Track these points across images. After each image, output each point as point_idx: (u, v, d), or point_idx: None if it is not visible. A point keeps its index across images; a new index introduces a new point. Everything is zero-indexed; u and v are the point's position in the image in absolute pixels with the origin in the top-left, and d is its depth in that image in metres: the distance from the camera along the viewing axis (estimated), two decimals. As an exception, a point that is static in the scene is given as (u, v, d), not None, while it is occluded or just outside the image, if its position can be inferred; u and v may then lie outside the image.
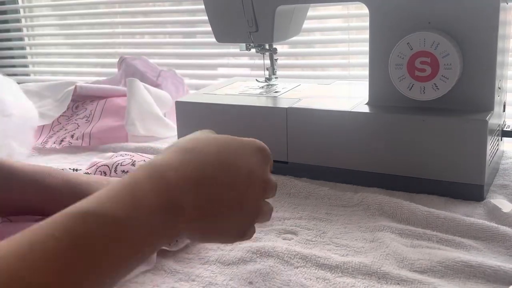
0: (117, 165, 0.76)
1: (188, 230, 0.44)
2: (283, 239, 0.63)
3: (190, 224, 0.43)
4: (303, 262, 0.57)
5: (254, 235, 0.63)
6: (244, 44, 0.90)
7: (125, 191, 0.40)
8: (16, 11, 1.82)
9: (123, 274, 0.38)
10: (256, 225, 0.67)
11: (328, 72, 1.37)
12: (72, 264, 0.34)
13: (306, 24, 1.00)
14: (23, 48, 1.84)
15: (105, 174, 0.75)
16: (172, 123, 1.08)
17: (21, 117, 0.93)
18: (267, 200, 0.52)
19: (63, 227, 0.35)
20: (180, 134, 0.91)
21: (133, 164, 0.75)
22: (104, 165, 0.77)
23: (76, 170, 0.79)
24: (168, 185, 0.42)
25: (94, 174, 0.76)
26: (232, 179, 0.47)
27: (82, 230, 0.36)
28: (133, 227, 0.38)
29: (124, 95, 1.11)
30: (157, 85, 1.19)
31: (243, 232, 0.50)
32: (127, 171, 0.73)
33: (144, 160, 0.75)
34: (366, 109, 0.76)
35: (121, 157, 0.79)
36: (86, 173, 0.77)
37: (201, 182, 0.44)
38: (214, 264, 0.58)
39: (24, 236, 0.34)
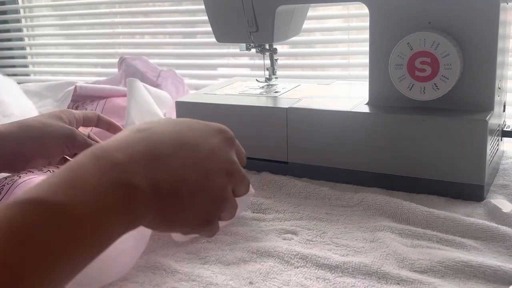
0: None
1: (148, 214, 0.40)
2: (283, 239, 0.63)
3: (149, 204, 0.40)
4: (303, 262, 0.57)
5: (254, 235, 0.64)
6: (244, 44, 0.90)
7: (67, 175, 0.37)
8: (16, 11, 1.82)
9: (78, 263, 0.36)
10: (257, 226, 0.67)
11: (328, 72, 1.37)
12: (13, 256, 0.32)
13: (306, 24, 1.00)
14: (23, 48, 1.84)
15: None
16: (172, 123, 1.08)
17: (22, 117, 0.93)
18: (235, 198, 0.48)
19: (2, 217, 0.33)
20: (180, 134, 0.91)
21: None
22: None
23: None
24: (114, 163, 0.39)
25: None
26: (193, 157, 0.44)
27: (20, 219, 0.33)
28: (79, 212, 0.35)
29: (124, 95, 1.11)
30: (157, 85, 1.19)
31: (207, 220, 0.46)
32: None
33: None
34: (366, 109, 0.76)
35: None
36: None
37: (156, 159, 0.41)
38: (214, 264, 0.58)
39: None
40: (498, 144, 0.77)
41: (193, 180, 0.43)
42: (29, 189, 0.36)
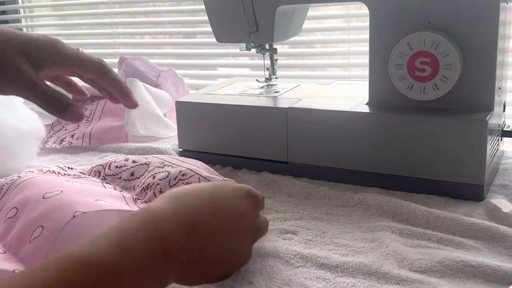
0: (110, 163, 0.76)
1: (179, 276, 0.44)
2: (283, 239, 0.63)
3: (181, 270, 0.44)
4: (303, 262, 0.57)
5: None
6: (244, 44, 0.90)
7: (118, 238, 0.40)
8: (16, 11, 1.82)
9: None
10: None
11: (328, 72, 1.37)
12: None
13: (306, 24, 1.00)
14: (23, 48, 1.83)
15: (99, 173, 0.75)
16: (172, 123, 1.08)
17: (29, 129, 0.93)
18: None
19: (54, 273, 0.35)
20: (180, 134, 0.91)
21: (126, 160, 0.75)
22: (99, 164, 0.77)
23: (71, 168, 0.78)
24: (162, 234, 0.43)
25: (89, 174, 0.76)
26: (226, 225, 0.48)
27: (73, 278, 0.35)
28: (127, 276, 0.38)
29: (124, 95, 1.11)
30: (157, 85, 1.19)
31: (230, 274, 0.52)
32: (121, 166, 0.73)
33: (134, 162, 0.75)
34: (366, 109, 0.76)
35: (115, 157, 0.80)
36: (81, 172, 0.77)
37: (193, 230, 0.45)
38: (214, 264, 0.58)
39: (16, 281, 0.34)
40: (498, 144, 0.77)
41: (222, 247, 0.48)
42: (79, 247, 0.38)
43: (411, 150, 0.72)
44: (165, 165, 0.70)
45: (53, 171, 0.73)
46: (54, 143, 1.03)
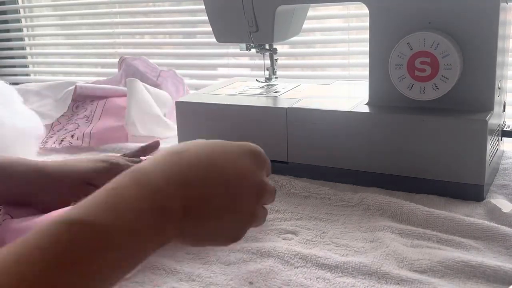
0: None
1: (179, 233, 0.43)
2: (283, 239, 0.63)
3: (180, 227, 0.42)
4: (303, 262, 0.57)
5: (254, 235, 0.64)
6: (244, 44, 0.90)
7: (110, 197, 0.39)
8: (16, 11, 1.82)
9: (114, 281, 0.38)
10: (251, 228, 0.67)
11: (328, 72, 1.37)
12: (60, 275, 0.33)
13: (306, 24, 1.00)
14: (23, 48, 1.84)
15: None
16: (172, 123, 1.08)
17: (27, 128, 0.93)
18: (265, 206, 0.51)
19: (49, 238, 0.35)
20: (180, 134, 0.91)
21: None
22: None
23: None
24: (154, 188, 0.41)
25: None
26: (224, 181, 0.46)
27: (67, 240, 0.35)
28: (120, 234, 0.38)
29: (124, 95, 1.11)
30: (157, 85, 1.19)
31: (236, 237, 0.49)
32: None
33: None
34: (366, 109, 0.76)
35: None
36: None
37: (189, 184, 0.44)
38: (214, 264, 0.58)
39: (10, 249, 0.34)
40: (498, 144, 0.77)
41: (224, 203, 0.46)
42: (74, 208, 0.38)
43: (411, 150, 0.72)
44: None
45: None
46: (54, 143, 1.03)
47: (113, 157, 0.66)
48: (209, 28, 0.92)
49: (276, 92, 0.90)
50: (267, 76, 0.95)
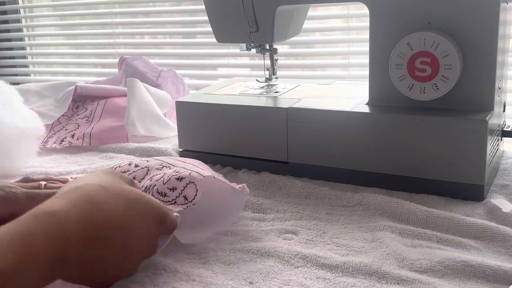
0: (115, 168, 0.73)
1: (65, 281, 0.45)
2: (283, 239, 0.63)
3: (68, 279, 0.45)
4: (303, 262, 0.57)
5: (254, 235, 0.64)
6: (244, 44, 0.90)
7: (17, 244, 0.41)
8: (16, 11, 1.82)
9: None
10: (257, 226, 0.67)
11: (328, 72, 1.37)
12: None
13: (306, 24, 1.00)
14: (23, 48, 1.84)
15: None
16: (172, 123, 1.08)
17: (27, 128, 0.92)
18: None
19: None
20: (180, 134, 0.91)
21: (129, 164, 0.73)
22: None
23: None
24: (63, 244, 0.44)
25: None
26: (124, 245, 0.49)
27: None
28: (17, 280, 0.39)
29: (124, 95, 1.11)
30: (157, 85, 1.20)
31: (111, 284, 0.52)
32: (125, 172, 0.71)
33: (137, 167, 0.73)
34: (366, 109, 0.76)
35: (121, 161, 0.77)
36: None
37: (97, 243, 0.47)
38: (214, 264, 0.58)
39: None
40: (498, 144, 0.77)
41: (115, 262, 0.50)
42: None
43: (411, 150, 0.72)
44: (163, 166, 0.69)
45: None
46: (55, 143, 1.03)
47: (10, 184, 0.62)
48: (209, 28, 0.92)
49: (276, 92, 0.90)
50: (267, 76, 0.95)
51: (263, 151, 0.83)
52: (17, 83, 1.62)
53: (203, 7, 0.91)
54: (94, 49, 1.72)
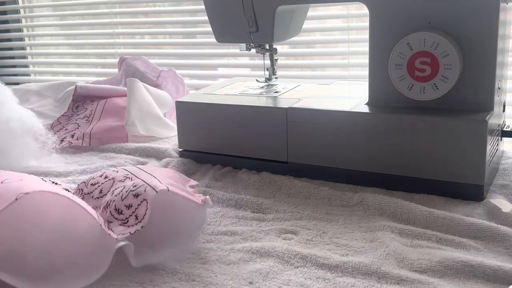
0: (89, 180, 0.72)
1: None
2: (283, 239, 0.63)
3: None
4: (303, 262, 0.57)
5: (254, 235, 0.64)
6: (244, 44, 0.90)
7: None
8: (16, 11, 1.82)
9: None
10: (257, 226, 0.67)
11: (328, 72, 1.37)
12: None
13: (306, 24, 1.00)
14: (23, 48, 1.84)
15: (82, 191, 0.71)
16: (172, 123, 1.08)
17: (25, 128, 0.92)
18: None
19: None
20: (180, 134, 0.91)
21: (101, 176, 0.71)
22: (82, 182, 0.73)
23: (56, 184, 0.73)
24: None
25: (74, 193, 0.72)
26: None
27: None
28: None
29: (124, 95, 1.11)
30: (157, 85, 1.20)
31: None
32: (95, 184, 0.69)
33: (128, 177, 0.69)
34: (366, 109, 0.76)
35: (96, 173, 0.74)
36: (65, 189, 0.71)
37: None
38: (214, 264, 0.58)
39: None
40: (498, 144, 0.77)
41: None
42: None
43: (411, 150, 0.72)
44: (126, 178, 0.65)
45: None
46: (54, 143, 1.03)
47: None
48: (209, 28, 0.92)
49: (276, 92, 0.90)
50: (267, 76, 0.95)
51: (263, 151, 0.83)
52: (17, 83, 1.62)
53: (203, 7, 0.91)
54: (94, 49, 1.72)
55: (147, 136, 1.05)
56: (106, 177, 0.69)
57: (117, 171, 0.68)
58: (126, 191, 0.60)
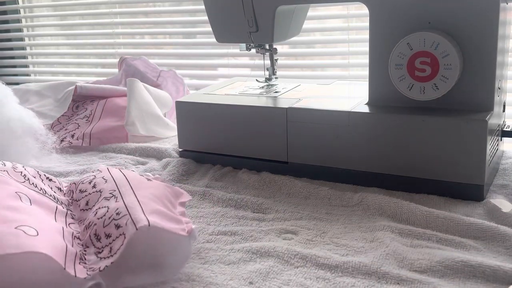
0: (79, 184, 0.70)
1: None
2: (283, 239, 0.63)
3: None
4: (303, 262, 0.57)
5: (254, 235, 0.64)
6: (244, 44, 0.90)
7: None
8: (16, 11, 1.82)
9: None
10: (257, 226, 0.67)
11: (328, 72, 1.37)
12: None
13: (306, 24, 1.00)
14: (23, 48, 1.84)
15: (72, 192, 0.70)
16: (172, 123, 1.08)
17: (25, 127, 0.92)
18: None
19: None
20: (180, 134, 0.91)
21: (90, 182, 0.68)
22: (73, 183, 0.72)
23: (50, 179, 0.73)
24: None
25: (65, 193, 0.72)
26: None
27: None
28: None
29: (124, 95, 1.11)
30: (157, 85, 1.20)
31: None
32: (83, 191, 0.68)
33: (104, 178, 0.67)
34: (366, 109, 0.76)
35: (86, 176, 0.73)
36: (58, 188, 0.72)
37: None
38: (214, 264, 0.58)
39: None
40: (498, 144, 0.77)
41: None
42: None
43: (411, 150, 0.72)
44: (112, 195, 0.61)
45: (24, 175, 0.66)
46: (54, 143, 1.03)
47: None
48: (209, 28, 0.92)
49: (276, 92, 0.90)
50: (267, 76, 0.95)
51: (263, 151, 0.83)
52: (17, 83, 1.62)
53: (203, 7, 0.91)
54: (94, 49, 1.72)
55: (147, 136, 1.05)
56: (94, 186, 0.66)
57: (106, 181, 0.66)
58: (109, 218, 0.57)
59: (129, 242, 0.53)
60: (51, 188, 0.71)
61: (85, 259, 0.55)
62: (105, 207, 0.60)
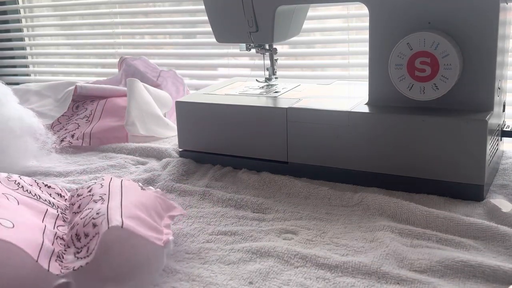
0: (78, 190, 0.70)
1: None
2: (283, 239, 0.63)
3: None
4: (303, 262, 0.57)
5: (254, 235, 0.64)
6: (244, 44, 0.90)
7: None
8: (16, 11, 1.82)
9: None
10: (257, 226, 0.67)
11: (328, 72, 1.37)
12: None
13: (306, 24, 1.00)
14: (23, 48, 1.84)
15: (72, 198, 0.70)
16: (172, 123, 1.08)
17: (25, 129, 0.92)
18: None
19: None
20: (180, 134, 0.91)
21: (88, 187, 0.68)
22: (75, 188, 0.72)
23: (49, 186, 0.72)
24: None
25: (66, 199, 0.71)
26: None
27: None
28: None
29: (124, 95, 1.11)
30: (157, 85, 1.20)
31: None
32: (80, 195, 0.67)
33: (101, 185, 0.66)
34: (366, 109, 0.76)
35: (87, 183, 0.73)
36: (58, 194, 0.72)
37: None
38: (214, 264, 0.58)
39: None
40: (498, 144, 0.77)
41: None
42: None
43: (411, 150, 0.72)
44: (101, 198, 0.61)
45: (18, 183, 0.66)
46: (54, 143, 1.03)
47: None
48: (209, 28, 0.92)
49: (276, 92, 0.90)
50: (267, 76, 0.95)
51: (263, 151, 0.83)
52: (17, 83, 1.62)
53: (203, 7, 0.91)
54: (94, 49, 1.72)
55: (147, 136, 1.05)
56: (90, 190, 0.66)
57: (101, 186, 0.65)
58: (89, 218, 0.56)
59: (102, 241, 0.52)
60: (50, 194, 0.70)
61: (63, 257, 0.54)
62: (90, 208, 0.59)
